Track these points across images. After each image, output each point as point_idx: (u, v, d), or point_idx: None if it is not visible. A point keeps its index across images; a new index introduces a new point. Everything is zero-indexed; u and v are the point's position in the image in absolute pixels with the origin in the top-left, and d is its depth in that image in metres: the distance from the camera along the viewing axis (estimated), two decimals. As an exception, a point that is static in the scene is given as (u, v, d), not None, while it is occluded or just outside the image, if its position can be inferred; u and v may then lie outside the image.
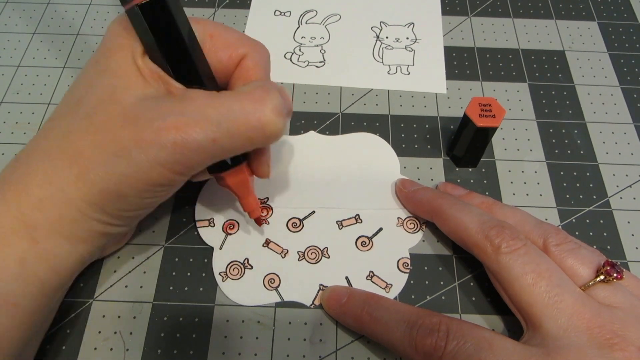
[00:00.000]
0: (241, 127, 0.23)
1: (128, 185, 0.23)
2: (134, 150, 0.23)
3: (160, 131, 0.22)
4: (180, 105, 0.23)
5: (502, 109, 0.30)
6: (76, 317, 0.29)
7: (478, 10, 0.43)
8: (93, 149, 0.23)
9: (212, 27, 0.26)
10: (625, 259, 0.31)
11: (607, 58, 0.40)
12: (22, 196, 0.23)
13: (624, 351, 0.23)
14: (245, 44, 0.27)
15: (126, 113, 0.23)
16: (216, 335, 0.29)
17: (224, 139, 0.23)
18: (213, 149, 0.23)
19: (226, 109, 0.23)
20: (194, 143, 0.23)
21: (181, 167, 0.23)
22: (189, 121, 0.23)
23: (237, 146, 0.24)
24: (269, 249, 0.31)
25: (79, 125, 0.24)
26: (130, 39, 0.24)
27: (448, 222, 0.29)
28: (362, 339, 0.29)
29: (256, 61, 0.27)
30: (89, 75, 0.25)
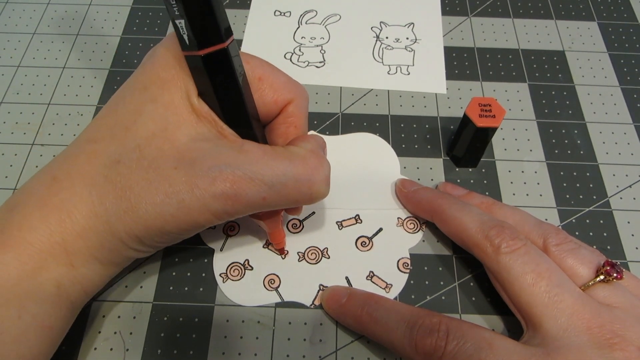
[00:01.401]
0: (292, 192, 0.24)
1: (173, 225, 0.23)
2: (186, 195, 0.22)
3: (216, 181, 0.22)
4: (236, 158, 0.23)
5: (502, 109, 0.30)
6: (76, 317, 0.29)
7: (478, 11, 0.43)
8: (144, 185, 0.23)
9: (261, 69, 0.26)
10: (625, 259, 0.31)
11: (607, 58, 0.40)
12: (65, 223, 0.23)
13: (624, 351, 0.23)
14: (291, 90, 0.27)
15: (180, 153, 0.23)
16: (216, 336, 0.29)
17: (273, 199, 0.24)
18: (261, 205, 0.24)
19: (281, 172, 0.24)
20: (245, 198, 0.23)
21: (227, 216, 0.24)
22: (244, 177, 0.23)
23: (283, 205, 0.25)
24: (269, 250, 0.31)
25: (128, 156, 0.23)
26: (185, 75, 0.24)
27: (448, 222, 0.29)
28: (362, 339, 0.29)
29: (300, 108, 0.27)
30: (137, 101, 0.24)
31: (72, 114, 0.37)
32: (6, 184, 0.34)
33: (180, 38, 0.22)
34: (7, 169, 0.34)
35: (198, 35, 0.21)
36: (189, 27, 0.21)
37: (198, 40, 0.21)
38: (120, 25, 0.42)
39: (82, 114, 0.37)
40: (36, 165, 0.35)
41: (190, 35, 0.21)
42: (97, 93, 0.38)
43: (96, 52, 0.40)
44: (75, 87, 0.38)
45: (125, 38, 0.41)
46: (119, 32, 0.41)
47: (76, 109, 0.37)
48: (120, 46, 0.41)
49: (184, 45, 0.22)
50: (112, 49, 0.40)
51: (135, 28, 0.42)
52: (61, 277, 0.23)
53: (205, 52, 0.22)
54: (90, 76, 0.39)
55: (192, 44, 0.22)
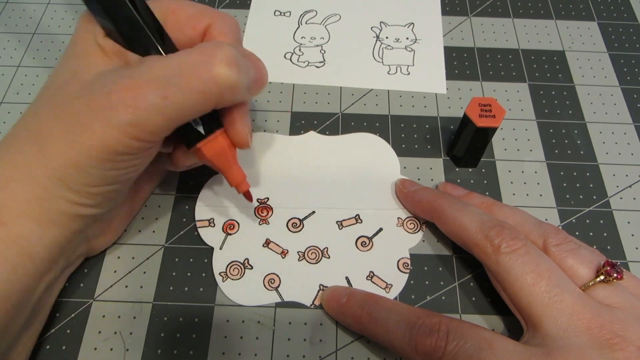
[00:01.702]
0: (191, 81, 0.23)
1: (86, 154, 0.23)
2: (88, 117, 0.23)
3: (111, 94, 0.23)
4: (131, 70, 0.24)
5: (502, 109, 0.30)
6: (76, 317, 0.29)
7: (478, 11, 0.43)
8: (53, 123, 0.24)
9: (174, 3, 0.27)
10: (625, 259, 0.31)
11: (607, 58, 0.40)
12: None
13: (624, 351, 0.23)
14: (208, 15, 0.27)
15: (84, 85, 0.24)
16: (216, 336, 0.29)
17: (175, 96, 0.23)
18: (166, 106, 0.23)
19: (175, 65, 0.23)
20: (144, 102, 0.22)
21: (136, 130, 0.23)
22: (138, 81, 0.23)
23: (191, 102, 0.23)
24: (269, 249, 0.31)
25: (43, 105, 0.25)
26: (92, 25, 0.25)
27: (448, 222, 0.29)
28: (362, 339, 0.29)
29: (222, 29, 0.27)
30: (58, 64, 0.26)
31: (72, 114, 0.37)
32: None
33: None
34: (7, 169, 0.34)
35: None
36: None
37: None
38: (120, 25, 0.42)
39: (82, 114, 0.37)
40: (36, 165, 0.35)
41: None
42: (97, 93, 0.38)
43: (96, 52, 0.40)
44: (75, 87, 0.38)
45: (125, 38, 0.41)
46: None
47: (76, 109, 0.37)
48: (120, 46, 0.41)
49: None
50: (112, 49, 0.40)
51: (135, 28, 0.42)
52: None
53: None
54: (90, 76, 0.39)
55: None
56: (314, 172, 0.34)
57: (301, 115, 0.37)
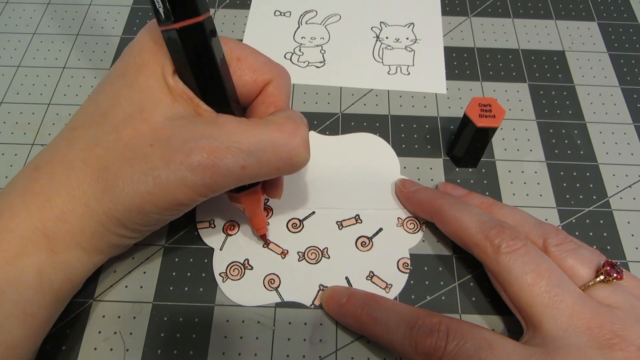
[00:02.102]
0: (271, 158, 0.24)
1: (152, 203, 0.23)
2: (162, 170, 0.23)
3: (191, 153, 0.22)
4: (211, 129, 0.23)
5: (502, 109, 0.30)
6: (76, 317, 0.29)
7: (478, 11, 0.43)
8: (120, 164, 0.23)
9: (240, 50, 0.26)
10: (625, 259, 0.31)
11: (607, 58, 0.40)
12: (45, 208, 0.23)
13: (624, 351, 0.23)
14: (270, 70, 0.27)
15: (156, 131, 0.23)
16: (216, 336, 0.29)
17: (252, 167, 0.24)
18: (241, 175, 0.24)
19: (258, 138, 0.23)
20: (224, 168, 0.23)
21: (206, 190, 0.24)
22: (220, 146, 0.23)
23: (264, 174, 0.25)
24: (269, 250, 0.31)
25: (106, 138, 0.24)
26: (161, 55, 0.24)
27: (448, 222, 0.29)
28: (362, 339, 0.29)
29: (280, 88, 0.27)
30: (115, 88, 0.25)
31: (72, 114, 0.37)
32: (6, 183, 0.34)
33: (156, 13, 0.22)
34: (7, 168, 0.34)
35: (173, 7, 0.22)
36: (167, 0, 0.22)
37: (173, 12, 0.22)
38: (120, 25, 0.42)
39: (82, 114, 0.37)
40: (36, 165, 0.35)
41: (166, 8, 0.22)
42: (97, 93, 0.38)
43: (96, 52, 0.40)
44: (76, 87, 0.38)
45: (125, 38, 0.41)
46: (119, 32, 0.41)
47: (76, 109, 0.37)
48: (121, 46, 0.41)
49: (160, 20, 0.22)
50: (112, 49, 0.40)
51: (135, 28, 0.42)
52: (42, 263, 0.23)
53: (181, 25, 0.22)
54: (90, 76, 0.39)
55: (168, 18, 0.22)
56: (314, 172, 0.34)
57: (301, 116, 0.37)
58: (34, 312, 0.23)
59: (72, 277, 0.24)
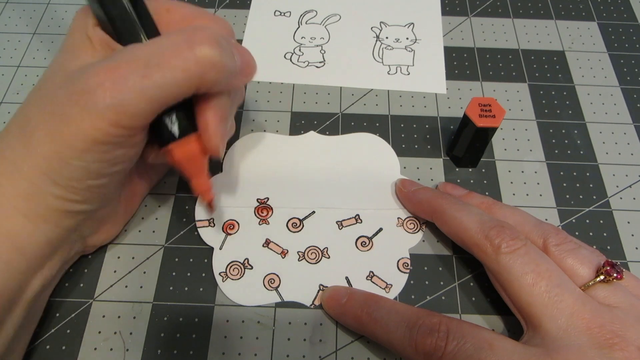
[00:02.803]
0: (172, 59, 0.22)
1: (67, 145, 0.22)
2: (67, 105, 0.23)
3: (88, 79, 0.22)
4: (113, 55, 0.23)
5: (502, 109, 0.30)
6: (76, 317, 0.29)
7: (478, 11, 0.43)
8: (36, 114, 0.24)
9: (169, 2, 0.27)
10: (625, 259, 0.31)
11: (607, 58, 0.40)
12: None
13: (624, 351, 0.23)
14: (202, 17, 0.27)
15: (67, 76, 0.24)
16: (216, 336, 0.29)
17: (155, 74, 0.22)
18: (146, 87, 0.22)
19: (156, 46, 0.23)
20: (123, 82, 0.22)
21: (115, 115, 0.22)
22: (118, 64, 0.22)
23: (173, 81, 0.22)
24: (269, 249, 0.31)
25: (32, 97, 0.25)
26: (86, 16, 0.25)
27: (448, 222, 0.29)
28: (362, 339, 0.29)
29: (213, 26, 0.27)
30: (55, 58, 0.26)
31: (72, 114, 0.37)
32: (6, 184, 0.34)
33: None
34: (7, 169, 0.34)
35: None
36: None
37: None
38: (120, 25, 0.42)
39: (82, 114, 0.37)
40: (36, 165, 0.35)
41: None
42: (97, 93, 0.38)
43: (96, 52, 0.40)
44: (75, 87, 0.38)
45: (125, 38, 0.41)
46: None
47: (76, 109, 0.37)
48: (120, 46, 0.41)
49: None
50: (112, 49, 0.40)
51: (135, 28, 0.42)
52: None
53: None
54: (90, 76, 0.39)
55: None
56: (314, 172, 0.34)
57: (301, 116, 0.37)
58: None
59: (21, 248, 0.23)
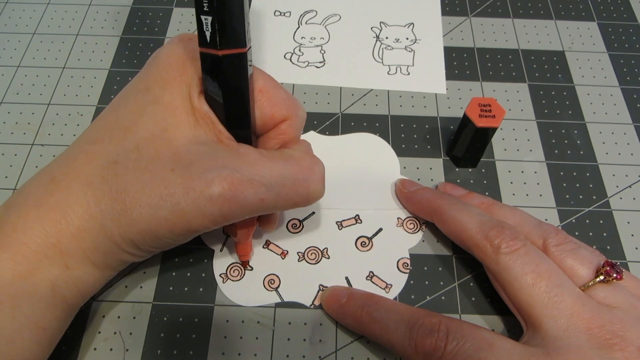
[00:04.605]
0: (290, 193, 0.24)
1: (168, 229, 0.23)
2: (181, 198, 0.22)
3: (212, 184, 0.22)
4: (233, 160, 0.23)
5: (502, 109, 0.30)
6: (76, 318, 0.29)
7: (478, 11, 0.43)
8: (140, 187, 0.22)
9: (263, 81, 0.26)
10: (624, 259, 0.31)
11: (607, 58, 0.40)
12: (61, 224, 0.23)
13: (624, 351, 0.23)
14: (289, 108, 0.26)
15: (177, 155, 0.23)
16: (216, 336, 0.29)
17: (270, 201, 0.23)
18: (258, 207, 0.23)
19: (279, 173, 0.24)
20: (243, 201, 0.23)
21: (222, 220, 0.23)
22: (242, 178, 0.22)
23: (280, 208, 0.25)
24: (269, 250, 0.31)
25: (126, 157, 0.23)
26: (189, 73, 0.24)
27: (448, 222, 0.29)
28: (361, 339, 0.29)
29: (294, 127, 0.27)
30: (139, 102, 0.24)
31: (72, 114, 0.37)
32: (6, 184, 0.34)
33: (200, 34, 0.22)
34: (7, 169, 0.34)
35: (222, 35, 0.21)
36: (217, 25, 0.21)
37: (221, 40, 0.21)
38: (120, 25, 0.42)
39: (82, 114, 0.37)
40: (36, 165, 0.35)
41: (214, 34, 0.21)
42: (97, 93, 0.38)
43: (96, 52, 0.40)
44: (75, 87, 0.38)
45: (125, 38, 0.41)
46: (119, 32, 0.41)
47: (76, 109, 0.37)
48: (120, 46, 0.41)
49: (203, 42, 0.22)
50: (112, 49, 0.40)
51: (135, 28, 0.42)
52: (56, 278, 0.23)
53: (225, 52, 0.22)
54: (90, 76, 0.39)
55: (213, 42, 0.22)
56: (314, 172, 0.34)
57: (301, 116, 0.37)
58: (46, 326, 0.23)
59: (83, 291, 0.24)
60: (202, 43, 0.22)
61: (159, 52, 0.25)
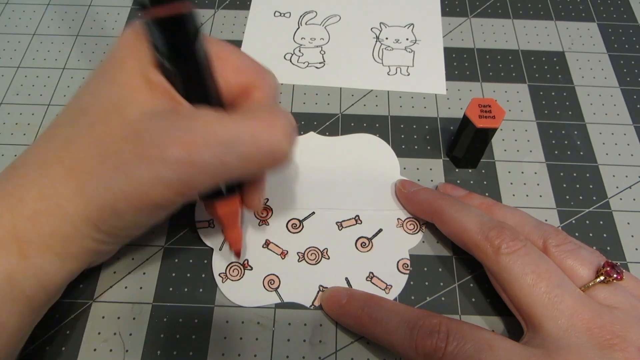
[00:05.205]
0: (251, 151, 0.23)
1: (126, 202, 0.22)
2: (135, 166, 0.21)
3: (165, 147, 0.21)
4: (188, 123, 0.22)
5: (502, 110, 0.30)
6: (76, 319, 0.29)
7: (478, 11, 0.43)
8: (93, 161, 0.22)
9: (223, 49, 0.25)
10: (625, 259, 0.31)
11: (607, 59, 0.40)
12: (16, 208, 0.22)
13: (624, 352, 0.23)
14: (256, 72, 0.25)
15: (130, 126, 0.22)
16: (216, 336, 0.29)
17: (232, 161, 0.22)
18: (220, 170, 0.22)
19: (236, 130, 0.22)
20: (201, 163, 0.22)
21: (183, 187, 0.22)
22: (197, 139, 0.22)
23: (245, 170, 0.23)
24: (268, 250, 0.31)
25: (80, 134, 0.23)
26: (142, 49, 0.23)
27: (448, 223, 0.29)
28: (361, 340, 0.29)
29: (264, 91, 0.26)
30: (96, 84, 0.24)
31: (72, 114, 0.37)
32: (6, 184, 0.34)
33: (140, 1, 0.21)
34: (6, 169, 0.34)
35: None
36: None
37: None
38: (120, 26, 0.42)
39: (82, 114, 0.37)
40: (36, 166, 0.34)
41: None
42: (97, 94, 0.38)
43: (96, 53, 0.40)
44: (75, 88, 0.38)
45: (125, 39, 0.41)
46: (119, 33, 0.41)
47: (76, 110, 0.37)
48: (120, 47, 0.41)
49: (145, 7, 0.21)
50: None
51: (135, 29, 0.42)
52: (12, 268, 0.22)
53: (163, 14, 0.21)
54: (90, 77, 0.39)
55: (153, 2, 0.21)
56: (314, 173, 0.34)
57: (301, 116, 0.37)
58: (3, 320, 0.22)
59: (45, 285, 0.23)
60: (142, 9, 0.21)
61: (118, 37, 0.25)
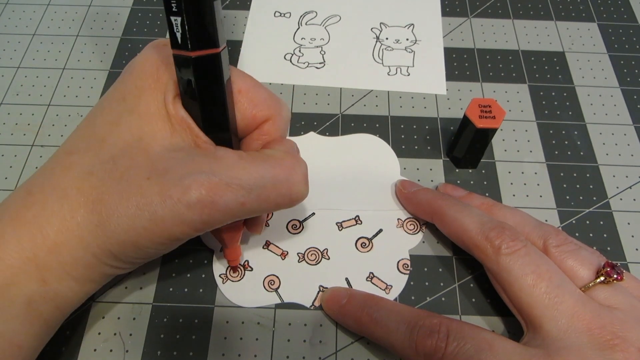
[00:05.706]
0: (271, 194, 0.23)
1: (147, 238, 0.22)
2: (159, 206, 0.22)
3: (189, 190, 0.22)
4: (210, 163, 0.22)
5: (502, 110, 0.30)
6: (76, 319, 0.29)
7: (478, 12, 0.43)
8: (116, 197, 0.22)
9: (242, 82, 0.25)
10: (625, 260, 0.31)
11: (607, 59, 0.40)
12: (37, 239, 0.22)
13: (624, 352, 0.23)
14: (270, 107, 0.26)
15: (153, 163, 0.22)
16: (216, 337, 0.28)
17: (252, 204, 0.23)
18: (239, 211, 0.23)
19: (258, 174, 0.23)
20: (223, 205, 0.22)
21: (203, 226, 0.23)
22: (220, 182, 0.22)
23: (263, 210, 0.24)
24: (269, 251, 0.31)
25: (102, 167, 0.23)
26: (164, 80, 0.23)
27: (448, 223, 0.29)
28: (362, 340, 0.29)
29: (277, 126, 0.26)
30: (114, 112, 0.24)
31: (72, 115, 0.37)
32: (6, 185, 0.34)
33: (172, 36, 0.21)
34: (6, 170, 0.34)
35: (193, 35, 0.21)
36: (187, 25, 0.21)
37: (192, 41, 0.21)
38: (120, 26, 0.42)
39: (82, 115, 0.37)
40: (36, 166, 0.34)
41: (185, 35, 0.21)
42: (97, 94, 0.38)
43: (96, 54, 0.40)
44: (75, 88, 0.38)
45: (125, 39, 0.41)
46: (119, 33, 0.41)
47: (76, 110, 0.37)
48: (120, 47, 0.41)
49: (175, 44, 0.21)
50: (112, 50, 0.40)
51: (135, 29, 0.42)
52: (32, 293, 0.22)
53: (197, 54, 0.21)
54: (90, 77, 0.39)
55: (184, 44, 0.21)
56: (314, 173, 0.34)
57: (301, 116, 0.37)
58: (21, 343, 0.22)
59: (62, 307, 0.23)
60: (174, 45, 0.22)
61: (134, 60, 0.25)
